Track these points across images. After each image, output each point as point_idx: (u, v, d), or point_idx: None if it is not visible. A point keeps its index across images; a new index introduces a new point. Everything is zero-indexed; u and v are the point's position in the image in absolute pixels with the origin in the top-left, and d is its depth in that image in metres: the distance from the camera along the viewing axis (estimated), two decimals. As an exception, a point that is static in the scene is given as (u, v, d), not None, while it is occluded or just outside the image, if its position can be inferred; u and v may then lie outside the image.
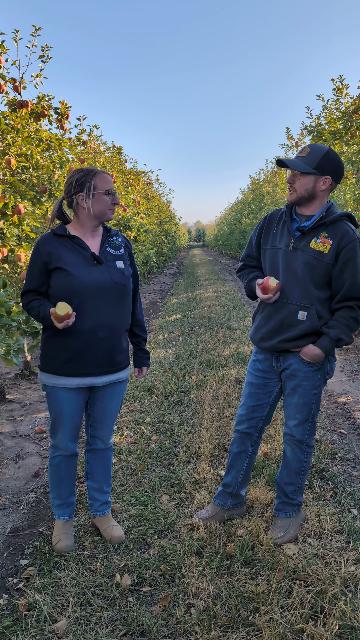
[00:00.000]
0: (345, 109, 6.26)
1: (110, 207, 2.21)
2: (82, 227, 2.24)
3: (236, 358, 5.78)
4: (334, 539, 2.46)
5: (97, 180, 2.17)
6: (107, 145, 9.79)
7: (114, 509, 2.70)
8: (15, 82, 4.46)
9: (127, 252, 2.36)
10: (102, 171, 2.21)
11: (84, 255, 2.19)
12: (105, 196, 2.18)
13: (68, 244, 2.19)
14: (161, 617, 1.98)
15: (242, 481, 2.60)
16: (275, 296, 2.28)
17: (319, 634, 1.87)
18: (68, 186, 2.19)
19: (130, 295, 2.31)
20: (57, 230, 2.21)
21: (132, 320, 2.45)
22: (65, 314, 2.02)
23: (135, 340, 2.52)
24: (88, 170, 2.18)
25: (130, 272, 2.32)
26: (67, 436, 2.31)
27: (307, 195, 2.24)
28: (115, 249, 2.30)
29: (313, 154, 2.20)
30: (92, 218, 2.21)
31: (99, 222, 2.24)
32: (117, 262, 2.26)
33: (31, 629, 1.91)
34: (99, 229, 2.30)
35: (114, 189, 2.21)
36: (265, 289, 2.25)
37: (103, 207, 2.19)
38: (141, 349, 2.53)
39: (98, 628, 1.93)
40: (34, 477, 3.13)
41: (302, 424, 2.41)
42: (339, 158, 2.22)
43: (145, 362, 2.55)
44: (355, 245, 2.19)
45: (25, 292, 2.23)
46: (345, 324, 2.23)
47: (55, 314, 2.03)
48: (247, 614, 1.98)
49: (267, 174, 16.06)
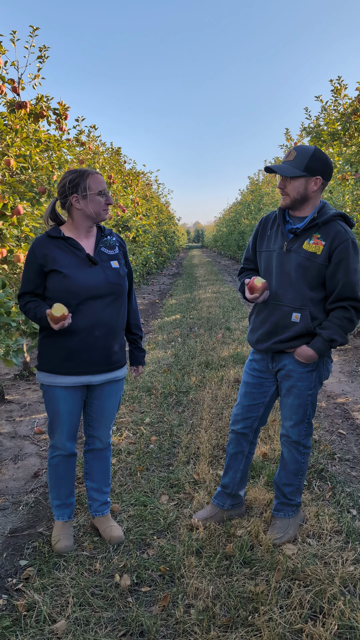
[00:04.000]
0: (343, 110, 6.26)
1: (104, 207, 2.23)
2: (76, 228, 2.25)
3: (235, 359, 5.79)
4: (333, 539, 2.46)
5: (91, 181, 2.18)
6: (106, 146, 9.80)
7: (113, 510, 2.70)
8: (13, 82, 4.46)
9: (121, 251, 2.38)
10: (95, 171, 2.22)
11: (78, 257, 2.20)
12: (99, 197, 2.19)
13: (63, 246, 2.20)
14: (160, 617, 1.98)
15: (240, 482, 2.61)
16: (263, 295, 2.28)
17: (318, 634, 1.87)
18: (61, 187, 2.20)
19: (125, 295, 2.33)
20: (51, 232, 2.22)
21: (127, 318, 2.46)
22: (61, 315, 2.03)
23: (131, 338, 2.53)
24: (81, 171, 2.20)
25: (125, 271, 2.34)
26: (65, 435, 2.32)
27: (300, 197, 2.24)
28: (110, 248, 2.31)
29: (300, 156, 2.20)
30: (87, 219, 2.22)
31: (93, 222, 2.25)
32: (111, 261, 2.28)
33: (30, 629, 1.91)
34: (93, 229, 2.31)
35: (107, 189, 2.23)
36: (252, 288, 2.26)
37: (97, 208, 2.20)
38: (137, 347, 2.55)
39: (97, 628, 1.93)
40: (33, 477, 3.13)
41: (298, 424, 2.41)
42: (326, 156, 2.22)
43: (141, 360, 2.57)
44: (347, 245, 2.19)
45: (22, 294, 2.24)
46: (339, 324, 2.23)
47: (51, 315, 2.04)
48: (246, 614, 1.99)
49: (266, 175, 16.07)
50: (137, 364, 2.57)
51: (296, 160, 2.20)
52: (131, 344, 2.55)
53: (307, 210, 2.29)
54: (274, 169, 2.22)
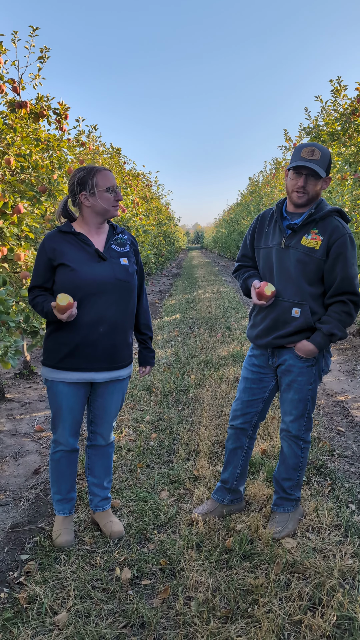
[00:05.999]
0: (343, 111, 6.29)
1: (114, 203, 2.23)
2: (86, 224, 2.27)
3: (235, 357, 5.81)
4: (332, 533, 2.48)
5: (99, 177, 2.19)
6: (106, 146, 9.83)
7: (113, 505, 2.71)
8: (14, 82, 4.48)
9: (132, 249, 2.38)
10: (104, 168, 2.23)
11: (87, 252, 2.21)
12: (108, 193, 2.20)
13: (72, 241, 2.22)
14: (161, 610, 2.00)
15: (240, 477, 2.62)
16: (268, 302, 2.32)
17: (317, 625, 1.89)
18: (71, 185, 2.22)
19: (134, 293, 2.32)
20: (62, 228, 2.24)
21: (137, 318, 2.47)
22: (67, 304, 2.05)
23: (140, 338, 2.53)
24: (89, 168, 2.21)
25: (134, 268, 2.33)
26: (67, 431, 2.33)
27: (316, 196, 2.28)
28: (121, 246, 2.32)
29: (324, 157, 2.20)
30: (96, 215, 2.24)
31: (103, 219, 2.26)
32: (121, 259, 2.28)
33: (32, 621, 1.93)
34: (104, 226, 2.32)
35: (116, 186, 2.24)
36: (260, 295, 2.29)
37: (106, 204, 2.21)
38: (146, 347, 2.54)
39: (98, 620, 1.94)
40: (33, 474, 3.14)
41: (298, 419, 2.43)
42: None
43: (150, 360, 2.56)
44: (345, 240, 2.21)
45: (32, 288, 2.27)
46: (338, 318, 2.25)
47: (57, 305, 2.06)
48: (245, 606, 2.00)
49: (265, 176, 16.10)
50: (145, 364, 2.56)
51: (322, 160, 2.20)
52: (140, 344, 2.54)
53: (306, 207, 2.32)
54: (314, 169, 2.17)
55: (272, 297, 2.30)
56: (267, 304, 2.33)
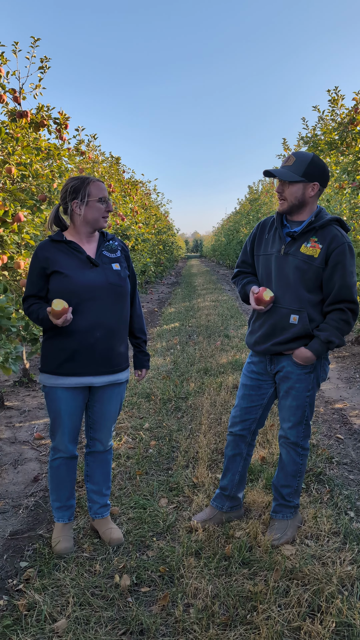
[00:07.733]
0: (340, 120, 6.34)
1: (104, 214, 2.28)
2: (77, 233, 2.31)
3: (234, 365, 5.82)
4: (331, 540, 2.48)
5: (92, 188, 2.23)
6: (106, 155, 9.89)
7: (112, 512, 2.72)
8: (15, 92, 4.53)
9: (123, 254, 2.42)
10: (97, 179, 2.28)
11: (79, 258, 2.25)
12: (99, 203, 2.25)
13: (64, 249, 2.25)
14: (160, 617, 2.00)
15: (239, 484, 2.63)
16: (266, 308, 2.34)
17: (316, 631, 1.89)
18: (63, 193, 2.26)
19: (127, 297, 2.36)
20: (54, 237, 2.28)
21: (131, 322, 2.50)
22: (62, 309, 2.07)
23: (135, 342, 2.56)
24: (83, 178, 2.25)
25: (126, 273, 2.38)
26: (67, 437, 2.34)
27: (298, 202, 2.29)
28: (112, 252, 2.36)
29: (299, 162, 2.25)
30: (86, 224, 2.28)
31: (92, 229, 2.30)
32: (112, 264, 2.32)
33: (31, 628, 1.93)
34: (95, 234, 2.36)
35: (107, 197, 2.28)
36: (259, 300, 2.32)
37: (96, 215, 2.25)
38: (141, 351, 2.57)
39: (98, 627, 1.94)
40: (33, 482, 3.15)
41: (296, 426, 2.44)
42: (324, 163, 2.28)
43: (145, 364, 2.59)
44: (344, 249, 2.24)
45: (26, 297, 2.29)
46: (336, 326, 2.27)
47: (52, 310, 2.08)
48: (245, 613, 2.00)
49: (265, 185, 16.18)
50: (141, 367, 2.59)
51: (295, 166, 2.25)
52: (135, 348, 2.57)
53: (304, 215, 2.34)
54: (273, 172, 2.26)
55: (270, 302, 2.32)
56: (266, 310, 2.35)
